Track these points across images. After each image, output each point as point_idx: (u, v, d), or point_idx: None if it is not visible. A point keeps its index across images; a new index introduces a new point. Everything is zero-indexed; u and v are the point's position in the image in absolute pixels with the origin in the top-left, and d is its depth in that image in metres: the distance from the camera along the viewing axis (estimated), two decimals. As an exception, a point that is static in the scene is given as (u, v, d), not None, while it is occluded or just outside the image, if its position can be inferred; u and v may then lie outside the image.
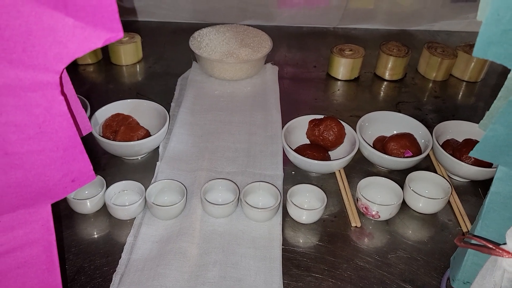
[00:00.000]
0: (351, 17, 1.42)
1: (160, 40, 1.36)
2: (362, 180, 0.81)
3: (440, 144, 0.90)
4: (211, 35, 1.18)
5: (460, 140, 0.91)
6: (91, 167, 0.49)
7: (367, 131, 0.94)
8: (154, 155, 0.92)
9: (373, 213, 0.78)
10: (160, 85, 1.14)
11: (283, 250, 0.74)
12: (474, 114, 1.10)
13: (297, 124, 0.94)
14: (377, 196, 0.82)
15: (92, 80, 1.16)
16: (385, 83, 1.21)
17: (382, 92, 1.18)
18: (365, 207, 0.78)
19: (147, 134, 0.91)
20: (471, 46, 1.22)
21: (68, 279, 0.69)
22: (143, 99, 0.98)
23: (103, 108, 0.93)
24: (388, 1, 1.36)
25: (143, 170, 0.89)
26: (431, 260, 0.75)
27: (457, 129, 0.94)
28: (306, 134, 0.93)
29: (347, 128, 0.92)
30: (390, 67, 1.18)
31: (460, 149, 0.86)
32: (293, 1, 1.35)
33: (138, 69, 1.22)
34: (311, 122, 0.93)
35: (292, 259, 0.74)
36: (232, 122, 1.02)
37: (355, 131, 0.91)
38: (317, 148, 0.89)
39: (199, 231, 0.76)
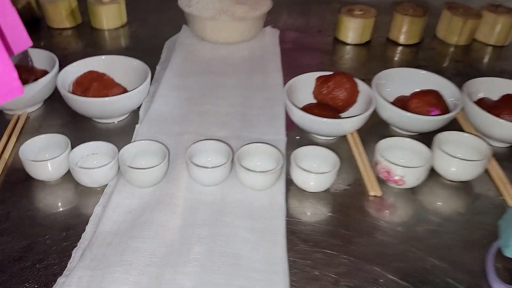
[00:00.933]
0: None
1: (146, 2, 1.22)
2: (381, 141, 0.67)
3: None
4: (203, -8, 1.04)
5: (495, 99, 0.78)
6: (17, 77, 0.35)
7: (384, 89, 0.80)
8: (132, 119, 0.78)
9: (396, 178, 0.63)
10: (145, 50, 1.01)
11: (287, 223, 0.60)
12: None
13: (302, 82, 0.80)
14: (400, 160, 0.68)
15: (69, 45, 1.03)
16: (400, 47, 1.07)
17: (396, 57, 1.04)
18: (387, 171, 0.64)
19: (125, 92, 0.77)
20: (497, 6, 1.08)
21: (14, 257, 0.55)
22: None
23: (74, 64, 0.79)
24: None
25: (119, 134, 0.75)
26: (469, 234, 0.60)
27: (491, 87, 0.80)
28: (313, 93, 0.80)
29: (361, 85, 0.78)
30: (405, 30, 1.05)
31: (499, 105, 0.72)
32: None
33: (121, 34, 1.08)
34: (318, 78, 0.79)
35: (298, 233, 0.59)
36: (226, 85, 0.88)
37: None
38: (326, 107, 0.75)
39: (183, 200, 0.62)
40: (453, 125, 0.78)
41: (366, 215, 0.62)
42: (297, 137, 0.76)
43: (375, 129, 0.77)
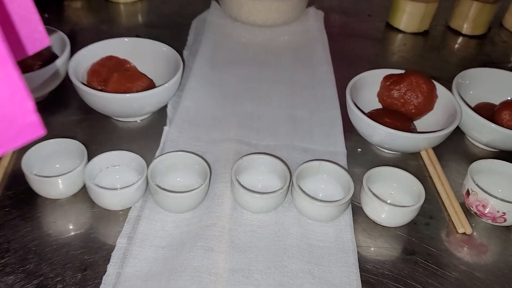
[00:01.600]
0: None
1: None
2: (473, 164, 0.54)
3: None
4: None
5: None
6: (34, 109, 0.21)
7: (465, 93, 0.66)
8: (160, 117, 0.65)
9: (497, 214, 0.50)
10: (168, 29, 0.86)
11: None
12: None
13: (364, 81, 0.66)
14: (496, 189, 0.54)
15: (79, 20, 0.88)
16: (462, 39, 0.92)
17: (461, 51, 0.89)
18: (483, 205, 0.51)
19: (151, 86, 0.63)
20: None
21: (16, 308, 0.42)
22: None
23: (89, 47, 0.65)
24: None
25: (143, 137, 0.61)
26: None
27: None
28: (378, 95, 0.66)
29: (440, 88, 0.64)
30: (471, 18, 0.90)
31: None
32: None
33: (140, 8, 0.93)
34: (387, 78, 0.65)
35: (366, 281, 0.47)
36: (266, 80, 0.74)
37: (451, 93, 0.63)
38: (397, 115, 0.61)
39: (228, 233, 0.49)
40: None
41: (454, 258, 0.50)
42: (358, 149, 0.63)
43: (450, 142, 0.64)
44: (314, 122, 0.65)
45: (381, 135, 0.57)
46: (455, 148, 0.64)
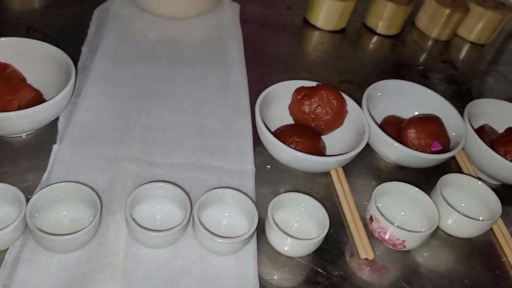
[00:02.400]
0: None
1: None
2: (378, 188, 0.54)
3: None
4: None
5: (497, 128, 0.67)
6: None
7: (375, 106, 0.66)
8: (49, 131, 0.57)
9: (397, 242, 0.51)
10: (66, 19, 0.77)
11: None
12: (493, 87, 0.86)
13: (276, 93, 0.63)
14: (399, 212, 0.55)
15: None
16: (377, 38, 0.92)
17: (376, 50, 0.89)
18: (384, 232, 0.51)
19: (37, 98, 0.56)
20: (485, -3, 0.96)
21: None
22: (36, 38, 0.61)
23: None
24: None
25: (28, 157, 0.54)
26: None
27: (491, 112, 0.69)
28: (290, 108, 0.63)
29: (350, 103, 0.63)
30: (386, 18, 0.90)
31: (506, 142, 0.61)
32: None
33: (31, -8, 0.82)
34: (298, 91, 0.62)
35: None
36: (176, 81, 0.69)
37: (361, 107, 0.62)
38: (307, 132, 0.59)
39: (122, 276, 0.45)
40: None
41: (356, 283, 0.50)
42: (268, 166, 0.60)
43: (360, 154, 0.63)
44: (224, 135, 0.62)
45: (288, 157, 0.55)
46: (365, 163, 0.64)
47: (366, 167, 0.63)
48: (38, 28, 0.73)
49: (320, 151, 0.58)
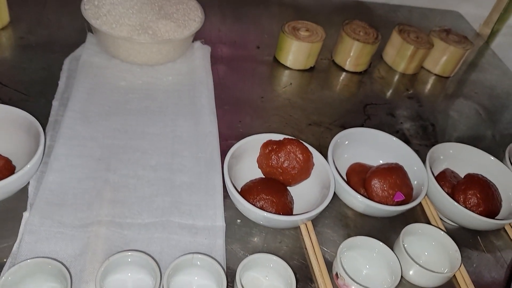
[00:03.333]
0: (301, -18, 1.12)
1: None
2: (343, 243, 0.56)
3: (434, 177, 0.67)
4: (115, -3, 0.81)
5: (458, 171, 0.70)
6: None
7: (341, 155, 0.68)
8: (19, 196, 0.58)
9: (361, 298, 0.53)
10: (36, 69, 0.77)
11: None
12: (457, 123, 0.89)
13: (245, 148, 0.65)
14: (364, 265, 0.57)
15: None
16: (345, 75, 0.95)
17: (344, 89, 0.92)
18: (349, 289, 0.54)
19: (6, 166, 0.56)
20: (448, 32, 1.00)
21: None
22: (5, 93, 0.62)
23: None
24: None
25: None
26: None
27: (453, 155, 0.72)
28: (258, 161, 0.65)
29: (316, 156, 0.65)
30: (354, 56, 0.92)
31: (464, 189, 0.64)
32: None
33: (2, 41, 0.82)
34: (266, 145, 0.64)
35: None
36: (146, 134, 0.70)
37: (326, 159, 0.64)
38: (274, 186, 0.61)
39: None
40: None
41: None
42: (238, 220, 0.62)
43: (329, 205, 0.66)
44: (194, 190, 0.63)
45: (256, 216, 0.57)
46: (333, 212, 0.66)
47: (334, 216, 0.65)
48: (8, 82, 0.73)
49: (288, 206, 0.60)
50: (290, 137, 0.65)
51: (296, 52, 0.89)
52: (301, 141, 0.64)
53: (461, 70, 1.04)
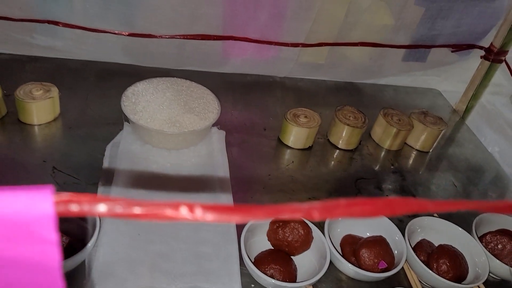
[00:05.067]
0: (300, 69, 1.31)
1: (83, 87, 1.13)
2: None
3: (412, 247, 0.82)
4: (148, 95, 1.00)
5: (433, 241, 0.85)
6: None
7: (335, 229, 0.84)
8: (78, 268, 0.73)
9: None
10: (83, 155, 0.94)
11: None
12: (435, 194, 1.04)
13: (258, 223, 0.80)
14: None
15: (-6, 147, 0.92)
16: (339, 152, 1.12)
17: (338, 166, 1.08)
18: None
19: (69, 244, 0.72)
20: (425, 114, 1.18)
21: None
22: (60, 178, 0.78)
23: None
24: (339, 56, 1.28)
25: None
26: None
27: (428, 227, 0.87)
28: (268, 236, 0.80)
29: (315, 230, 0.80)
30: (345, 137, 1.09)
31: (436, 258, 0.79)
32: (239, 50, 1.20)
33: (54, 131, 0.99)
34: (273, 222, 0.80)
35: None
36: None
37: (323, 233, 0.80)
38: (281, 257, 0.76)
39: None
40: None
41: None
42: (252, 285, 0.76)
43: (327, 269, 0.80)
44: (215, 259, 0.78)
45: (267, 283, 0.71)
46: (329, 276, 0.80)
47: (330, 281, 0.80)
48: (61, 168, 0.89)
49: (292, 274, 0.74)
50: (293, 215, 0.80)
51: (297, 135, 1.06)
52: (302, 218, 0.79)
53: (439, 144, 1.21)
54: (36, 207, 0.21)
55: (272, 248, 0.80)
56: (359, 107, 1.15)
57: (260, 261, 0.75)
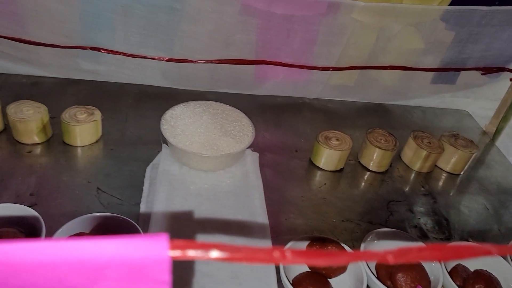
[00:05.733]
0: (329, 91, 1.34)
1: (122, 109, 1.18)
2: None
3: (448, 271, 0.83)
4: (186, 119, 1.04)
5: (468, 266, 0.86)
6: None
7: (371, 249, 0.85)
8: None
9: None
10: (125, 176, 0.98)
11: None
12: (467, 217, 1.05)
13: (295, 247, 0.83)
14: None
15: (41, 169, 0.96)
16: (370, 174, 1.13)
17: (369, 188, 1.10)
18: None
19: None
20: (456, 137, 1.19)
21: None
22: (104, 198, 0.82)
23: (61, 230, 0.75)
24: (368, 78, 1.30)
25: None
26: None
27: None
28: (304, 258, 0.82)
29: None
30: (377, 159, 1.11)
31: (472, 284, 0.80)
32: (271, 74, 1.24)
33: (97, 152, 1.04)
34: (310, 246, 0.82)
35: None
36: (212, 239, 0.88)
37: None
38: (319, 280, 0.78)
39: None
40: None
41: None
42: (290, 306, 0.78)
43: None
44: (252, 279, 0.80)
45: (306, 305, 0.74)
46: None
47: (366, 304, 0.81)
48: (106, 189, 0.94)
49: (329, 296, 0.76)
50: (330, 237, 0.82)
51: (328, 157, 1.08)
52: (338, 241, 0.81)
53: (470, 167, 1.22)
54: (154, 253, 0.24)
55: (309, 270, 0.82)
56: (388, 129, 1.17)
57: (298, 282, 0.77)
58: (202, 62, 1.15)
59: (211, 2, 1.03)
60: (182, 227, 0.88)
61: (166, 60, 1.14)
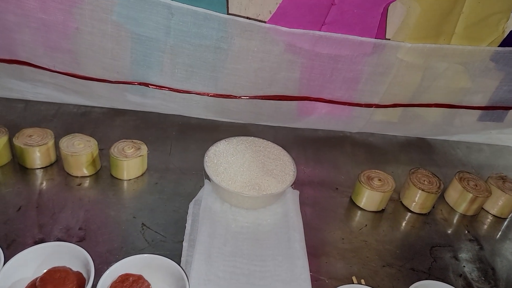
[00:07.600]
0: (372, 126, 1.33)
1: (166, 142, 1.22)
2: None
3: (493, 330, 0.80)
4: (229, 156, 1.05)
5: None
6: None
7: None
8: (167, 328, 0.78)
9: None
10: (169, 211, 1.00)
11: None
12: (512, 267, 1.02)
13: (334, 295, 0.82)
14: None
15: (89, 203, 1.00)
16: (412, 215, 1.11)
17: (411, 230, 1.08)
18: None
19: (162, 307, 0.77)
20: (504, 180, 1.15)
21: None
22: (148, 234, 0.84)
23: (108, 272, 0.78)
24: (412, 115, 1.28)
25: None
26: None
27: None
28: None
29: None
30: (419, 201, 1.09)
31: None
32: (313, 109, 1.24)
33: (142, 186, 1.07)
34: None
35: None
36: (254, 273, 0.89)
37: (401, 310, 0.80)
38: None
39: None
40: None
41: None
42: None
43: None
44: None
45: None
46: None
47: None
48: (150, 225, 0.96)
49: None
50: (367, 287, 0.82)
51: (370, 198, 1.07)
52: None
53: (517, 211, 1.17)
54: None
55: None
56: (431, 166, 1.15)
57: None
58: (245, 98, 1.17)
59: (257, 42, 1.05)
60: (220, 272, 0.89)
61: (210, 96, 1.16)
